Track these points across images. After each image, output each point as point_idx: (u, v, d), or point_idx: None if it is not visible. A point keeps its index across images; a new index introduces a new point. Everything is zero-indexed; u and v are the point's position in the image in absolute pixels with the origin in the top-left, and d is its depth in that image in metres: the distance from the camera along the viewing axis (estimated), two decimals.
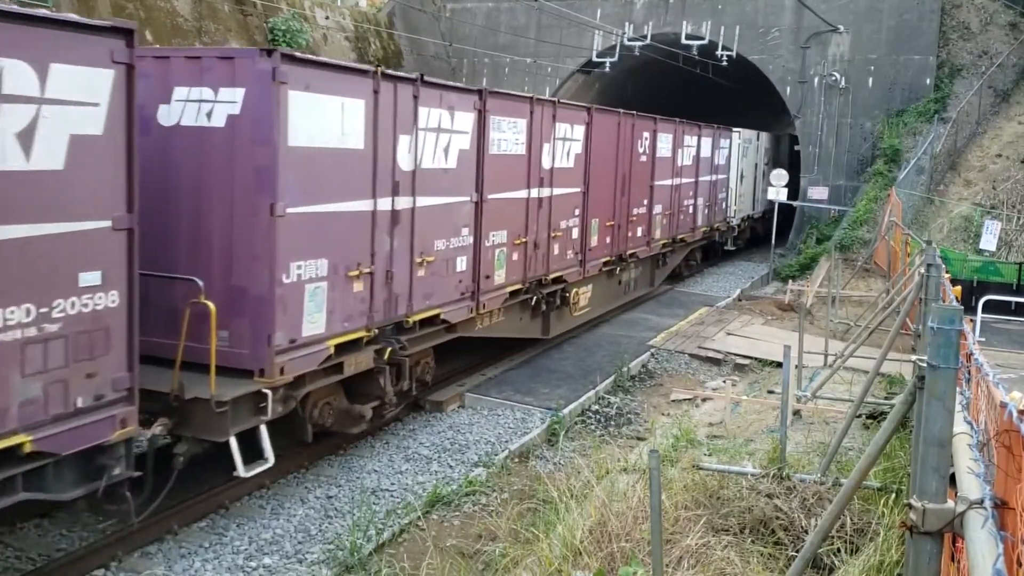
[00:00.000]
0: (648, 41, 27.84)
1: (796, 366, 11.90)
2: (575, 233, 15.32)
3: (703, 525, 6.80)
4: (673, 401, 13.25)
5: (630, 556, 6.26)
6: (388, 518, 8.73)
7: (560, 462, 10.54)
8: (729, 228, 27.43)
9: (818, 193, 27.66)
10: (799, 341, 12.29)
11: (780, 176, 25.79)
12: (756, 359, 15.19)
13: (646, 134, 18.75)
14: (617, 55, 28.96)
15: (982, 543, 2.99)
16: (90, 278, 6.51)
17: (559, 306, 14.99)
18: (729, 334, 17.07)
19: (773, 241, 26.58)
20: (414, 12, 30.44)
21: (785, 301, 20.60)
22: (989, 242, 21.86)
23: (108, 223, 6.64)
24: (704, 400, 13.17)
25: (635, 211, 18.29)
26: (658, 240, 20.10)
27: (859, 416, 9.97)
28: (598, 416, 12.42)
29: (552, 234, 14.26)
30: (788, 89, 28.05)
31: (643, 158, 18.67)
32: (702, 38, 27.76)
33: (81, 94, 6.41)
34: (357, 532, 8.13)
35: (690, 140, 22.12)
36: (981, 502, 3.24)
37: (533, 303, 13.99)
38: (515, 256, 13.11)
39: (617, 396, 13.27)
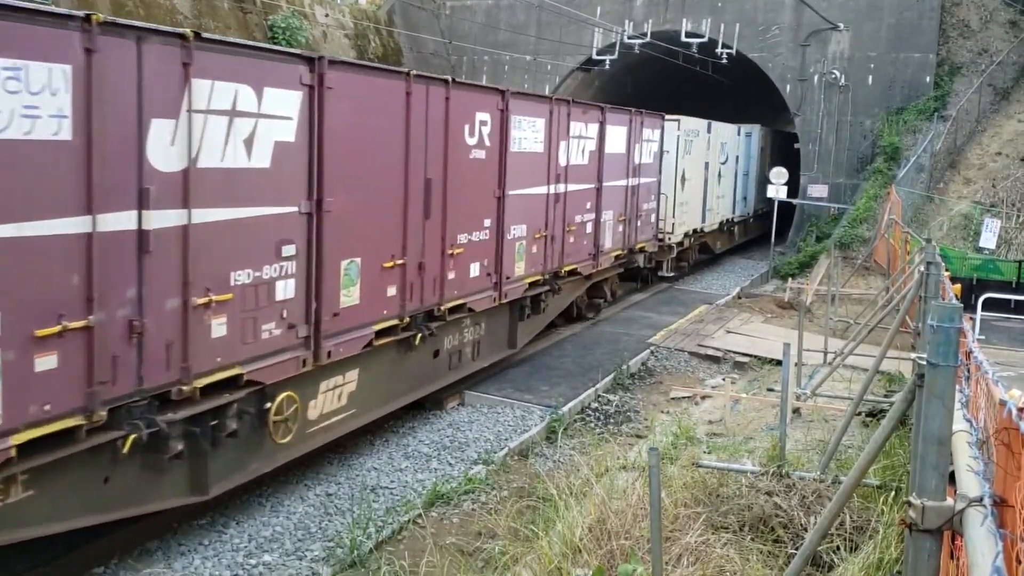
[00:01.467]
0: (648, 39, 27.83)
1: (796, 364, 11.91)
2: (287, 289, 8.22)
3: (702, 523, 6.81)
4: (673, 399, 13.26)
5: (630, 554, 6.27)
6: (388, 516, 8.74)
7: (560, 460, 10.54)
8: (665, 248, 21.45)
9: (818, 191, 27.66)
10: (799, 339, 12.30)
11: (780, 174, 25.77)
12: (756, 357, 15.20)
13: (483, 116, 11.73)
14: (617, 53, 28.96)
15: (981, 541, 2.99)
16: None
17: (241, 433, 7.91)
18: (729, 332, 17.08)
19: (773, 239, 26.58)
20: (414, 9, 30.43)
21: (785, 299, 20.62)
22: (989, 240, 21.87)
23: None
24: (704, 398, 13.18)
25: (462, 239, 11.40)
26: (520, 279, 13.22)
27: (858, 414, 9.98)
28: (598, 414, 12.43)
29: (198, 301, 7.25)
30: (788, 87, 28.04)
31: (479, 154, 11.70)
32: (702, 36, 27.76)
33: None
34: (357, 529, 8.14)
35: (583, 129, 15.18)
36: (980, 500, 3.24)
37: (144, 445, 6.91)
38: (55, 360, 6.15)
39: (617, 394, 13.27)
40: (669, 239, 21.40)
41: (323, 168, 8.56)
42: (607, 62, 29.32)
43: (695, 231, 24.04)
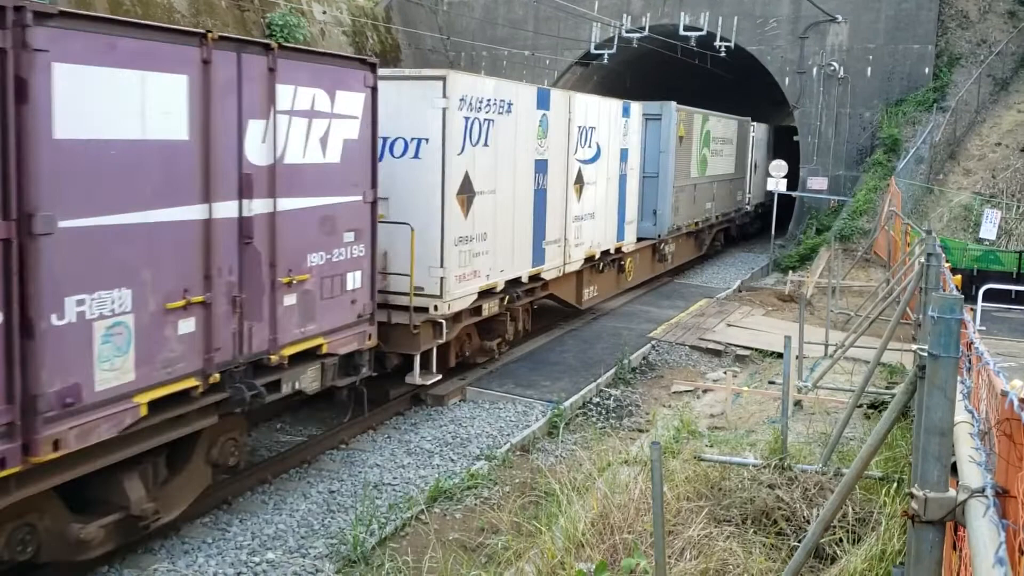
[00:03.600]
0: (646, 33, 27.79)
1: (797, 357, 11.91)
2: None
3: (705, 516, 6.81)
4: (674, 393, 13.27)
5: (632, 548, 6.27)
6: (390, 512, 8.76)
7: (562, 455, 10.55)
8: (420, 330, 11.34)
9: (817, 183, 27.63)
10: (800, 331, 12.29)
11: (780, 167, 25.71)
12: (757, 350, 15.20)
13: None
14: (615, 47, 28.91)
15: (984, 531, 2.99)
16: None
17: None
18: (729, 325, 17.07)
19: (773, 232, 26.55)
20: (412, 6, 30.39)
21: (785, 292, 20.61)
22: (989, 231, 21.84)
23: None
24: (705, 391, 13.18)
25: None
26: None
27: (860, 406, 9.98)
28: (599, 408, 12.44)
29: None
30: (787, 79, 28.01)
31: None
32: (700, 29, 27.71)
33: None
34: (360, 526, 8.15)
35: None
36: (982, 490, 3.24)
37: None
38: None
39: (618, 388, 13.28)
40: (437, 309, 11.44)
41: None
42: (605, 57, 29.27)
43: (518, 282, 13.65)
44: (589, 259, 16.56)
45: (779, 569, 6.16)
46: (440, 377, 12.00)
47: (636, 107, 18.77)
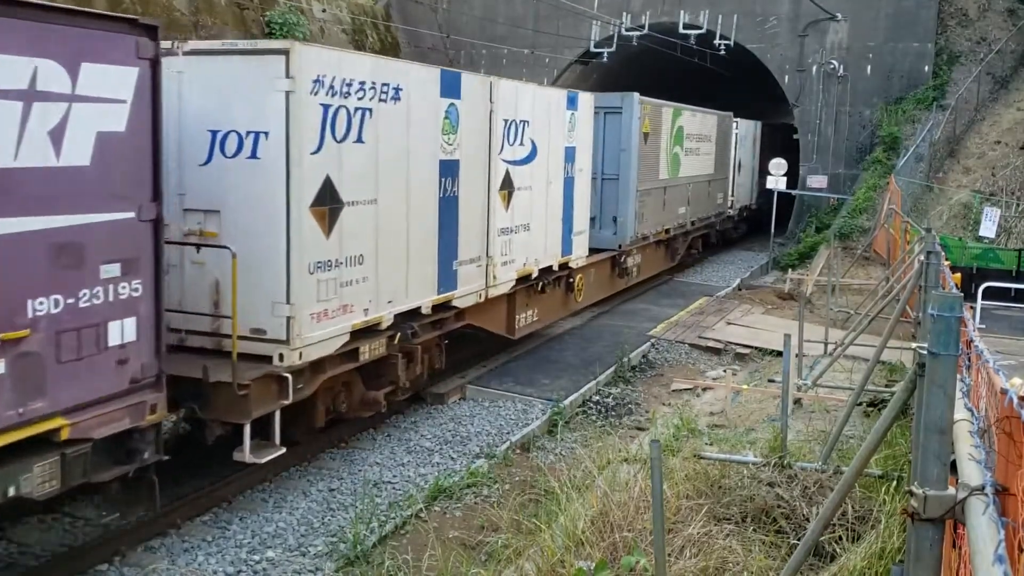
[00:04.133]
0: (646, 31, 27.78)
1: (796, 355, 11.91)
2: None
3: (705, 514, 6.82)
4: (674, 391, 13.27)
5: (632, 546, 6.28)
6: (391, 510, 8.76)
7: (561, 453, 10.56)
8: (237, 400, 8.16)
9: (817, 181, 27.63)
10: (799, 330, 12.29)
11: (779, 166, 25.68)
12: (756, 348, 15.21)
13: None
14: (615, 45, 28.90)
15: (983, 529, 2.99)
16: None
17: None
18: (729, 323, 17.08)
19: (772, 230, 26.54)
20: (411, 4, 30.39)
21: (785, 290, 20.62)
22: (988, 229, 21.84)
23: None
24: (705, 390, 13.19)
25: None
26: None
27: (859, 404, 9.99)
28: (599, 406, 12.44)
29: None
30: (787, 78, 28.01)
31: None
32: (700, 27, 27.71)
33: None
34: (360, 524, 8.16)
35: None
36: (982, 488, 3.24)
37: None
38: None
39: (618, 386, 13.29)
40: (283, 359, 8.65)
41: None
42: (605, 55, 29.25)
43: (416, 313, 10.86)
44: (524, 278, 13.71)
45: (779, 567, 6.17)
46: (283, 451, 8.76)
47: (586, 98, 15.62)
